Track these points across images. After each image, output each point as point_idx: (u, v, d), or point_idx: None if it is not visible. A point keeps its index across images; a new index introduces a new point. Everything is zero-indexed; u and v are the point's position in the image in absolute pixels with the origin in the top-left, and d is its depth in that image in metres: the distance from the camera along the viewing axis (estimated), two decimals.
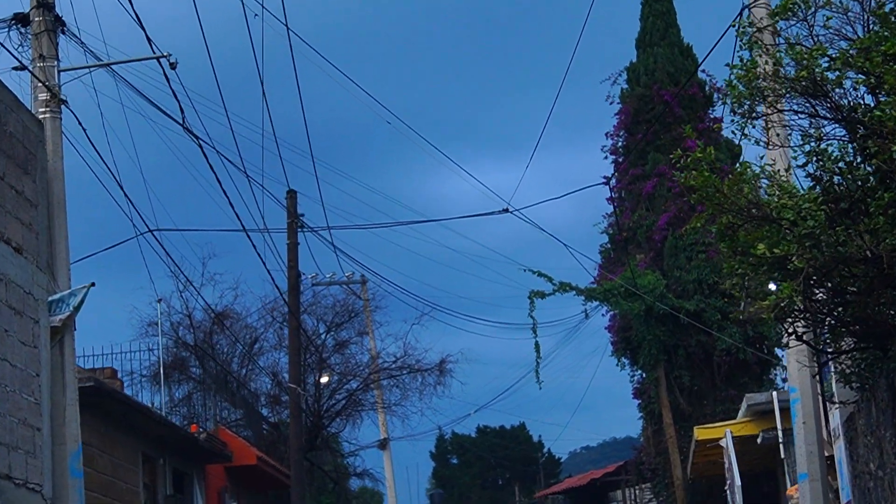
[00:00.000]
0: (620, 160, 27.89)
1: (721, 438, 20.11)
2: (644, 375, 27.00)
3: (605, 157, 27.90)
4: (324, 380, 31.74)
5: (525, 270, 26.11)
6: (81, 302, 11.15)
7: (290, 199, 26.19)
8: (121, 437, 17.58)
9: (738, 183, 8.90)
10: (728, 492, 18.17)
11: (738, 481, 16.18)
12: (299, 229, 26.12)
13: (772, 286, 9.41)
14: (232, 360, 31.76)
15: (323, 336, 31.12)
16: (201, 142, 16.61)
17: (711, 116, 28.16)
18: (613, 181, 28.27)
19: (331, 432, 32.08)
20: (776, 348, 26.29)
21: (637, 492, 37.40)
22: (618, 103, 28.17)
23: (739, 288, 9.53)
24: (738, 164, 9.43)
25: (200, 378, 30.76)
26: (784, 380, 24.92)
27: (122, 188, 12.60)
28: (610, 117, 28.57)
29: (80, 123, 11.60)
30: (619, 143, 28.22)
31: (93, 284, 11.21)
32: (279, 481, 26.59)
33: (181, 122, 15.94)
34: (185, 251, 57.20)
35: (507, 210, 19.03)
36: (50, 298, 11.04)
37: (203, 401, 30.31)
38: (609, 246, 28.21)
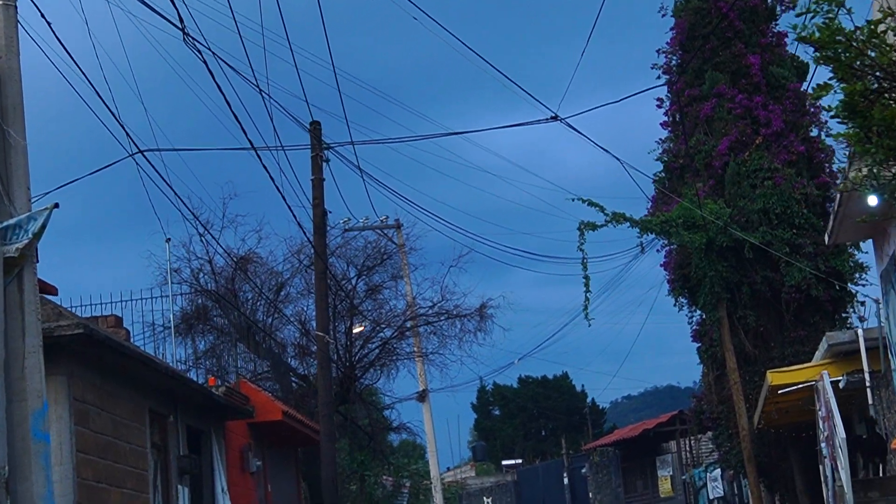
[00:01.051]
0: (674, 80, 25.61)
1: (798, 383, 18.08)
2: (704, 316, 24.86)
3: (658, 77, 25.66)
4: (357, 329, 29.89)
5: (574, 199, 24.07)
6: (43, 227, 9.19)
7: (314, 130, 24.19)
8: (123, 392, 15.74)
9: (878, 38, 6.76)
10: (824, 446, 16.09)
11: (841, 433, 14.07)
12: (323, 161, 24.21)
13: None
14: (257, 308, 29.94)
15: (353, 280, 29.21)
16: (216, 58, 14.64)
17: (774, 31, 25.89)
18: (667, 103, 26.06)
19: (364, 384, 30.23)
20: (850, 284, 24.14)
21: (692, 442, 35.44)
22: (671, 16, 25.87)
23: (870, 178, 7.42)
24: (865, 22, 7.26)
25: (223, 328, 29.00)
26: (861, 318, 22.75)
27: (99, 95, 10.63)
28: (662, 34, 26.32)
29: (38, 10, 9.61)
30: (673, 62, 25.94)
31: (56, 206, 9.27)
32: (308, 438, 24.79)
33: (180, 27, 13.98)
34: (204, 191, 55.31)
35: (555, 118, 16.94)
36: (4, 224, 9.10)
37: (227, 353, 28.58)
38: (663, 175, 26.00)
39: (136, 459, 16.05)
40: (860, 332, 17.22)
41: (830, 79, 7.27)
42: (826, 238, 15.96)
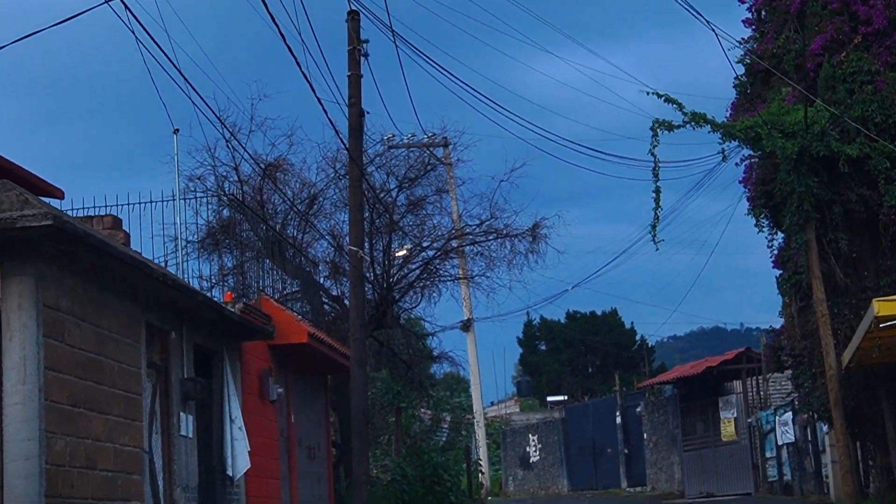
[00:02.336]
0: None
1: None
2: (789, 239, 22.20)
3: None
4: (400, 253, 27.57)
5: (650, 93, 21.47)
6: None
7: (351, 21, 21.71)
8: (113, 302, 13.48)
9: None
10: None
11: None
12: (361, 56, 21.74)
13: None
14: (287, 223, 27.63)
15: (394, 193, 26.78)
16: None
17: None
18: None
19: (403, 308, 27.92)
20: None
21: (759, 382, 32.98)
22: None
23: None
24: None
25: (249, 242, 26.74)
26: None
27: None
28: None
29: None
30: None
31: None
32: (339, 364, 22.55)
33: None
34: (232, 91, 52.76)
35: None
36: None
37: (253, 270, 26.33)
38: (746, 79, 23.25)
39: (128, 381, 13.83)
40: None
41: None
42: None
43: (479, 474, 34.53)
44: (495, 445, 54.63)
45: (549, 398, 58.88)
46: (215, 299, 18.02)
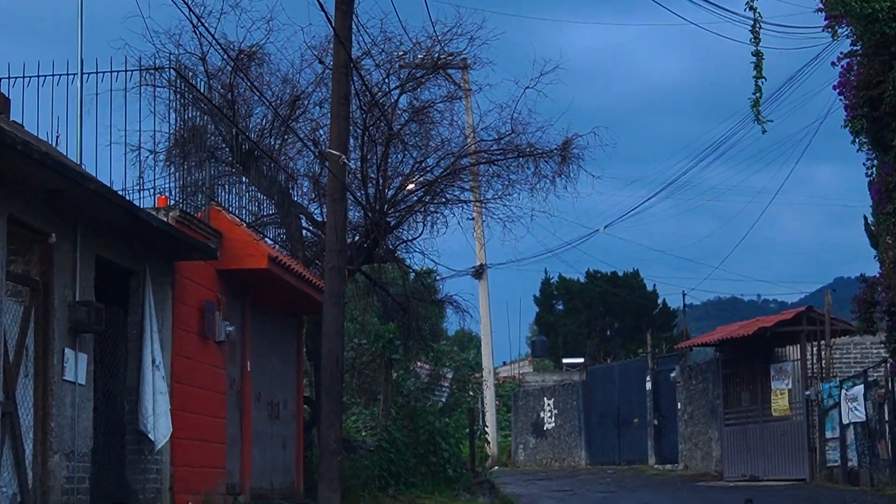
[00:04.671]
0: None
1: None
2: None
3: None
4: (409, 186, 23.45)
5: None
6: None
7: None
8: None
9: None
10: None
11: None
12: None
13: None
14: (264, 130, 23.50)
15: (394, 95, 22.57)
16: None
17: None
18: None
19: (401, 240, 23.78)
20: None
21: (821, 348, 28.80)
22: None
23: None
24: None
25: (217, 150, 22.63)
26: None
27: None
28: None
29: None
30: None
31: None
32: (315, 301, 18.51)
33: None
34: None
35: None
36: None
37: (223, 187, 22.21)
38: None
39: None
40: None
41: None
42: None
43: (485, 442, 30.48)
44: (505, 409, 50.74)
45: (565, 360, 55.80)
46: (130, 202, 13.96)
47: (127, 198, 14.19)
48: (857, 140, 18.35)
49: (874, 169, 18.81)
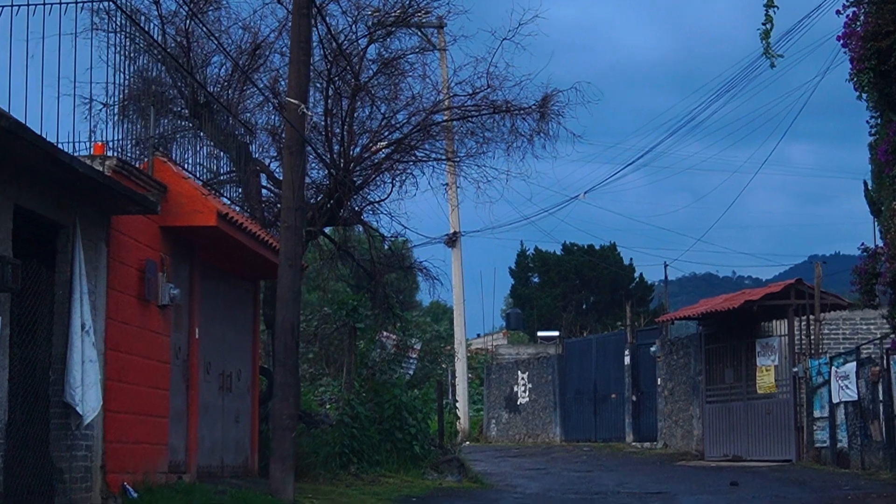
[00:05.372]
0: None
1: None
2: None
3: None
4: (380, 145, 22.17)
5: None
6: None
7: None
8: None
9: None
10: None
11: None
12: None
13: None
14: (222, 82, 22.19)
15: (361, 44, 21.26)
16: None
17: None
18: None
19: (368, 201, 22.50)
20: None
21: (810, 323, 27.71)
22: None
23: None
24: None
25: (166, 98, 21.30)
26: None
27: None
28: None
29: None
30: None
31: None
32: (273, 264, 17.24)
33: None
34: None
35: None
36: None
37: (179, 142, 20.89)
38: None
39: None
40: None
41: None
42: None
43: (455, 417, 29.33)
44: (478, 382, 49.66)
45: (540, 333, 54.99)
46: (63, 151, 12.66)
47: (76, 154, 12.95)
48: (862, 96, 17.15)
49: (878, 129, 17.64)
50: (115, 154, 14.41)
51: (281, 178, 22.45)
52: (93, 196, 12.47)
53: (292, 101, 16.01)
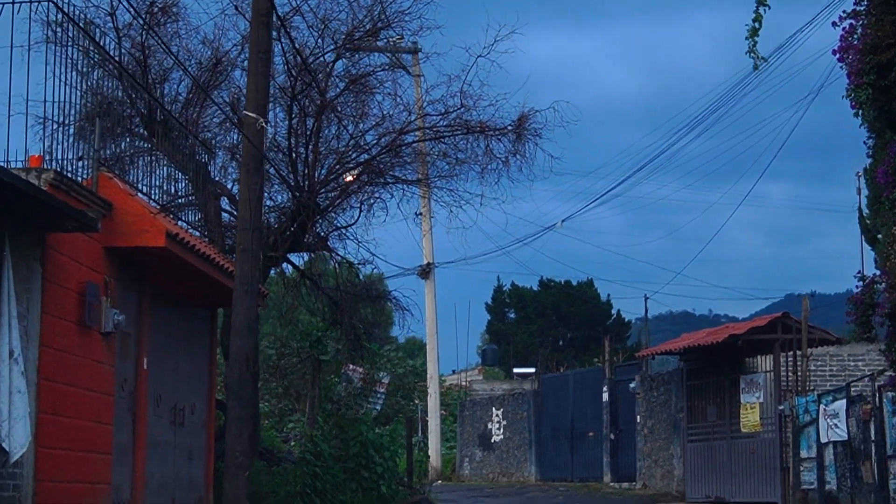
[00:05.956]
0: None
1: None
2: None
3: None
4: (348, 178, 21.27)
5: None
6: None
7: None
8: None
9: None
10: None
11: None
12: None
13: None
14: (179, 99, 21.27)
15: (329, 60, 20.34)
16: None
17: None
18: None
19: (334, 226, 21.55)
20: None
21: (797, 359, 26.82)
22: None
23: None
24: None
25: (127, 121, 20.41)
26: None
27: None
28: None
29: None
30: None
31: None
32: (227, 291, 16.26)
33: None
34: None
35: None
36: None
37: (135, 164, 19.96)
38: None
39: None
40: None
41: None
42: None
43: (425, 455, 28.27)
44: (451, 419, 48.58)
45: (516, 370, 54.22)
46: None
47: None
48: (859, 111, 16.28)
49: (875, 150, 16.78)
50: (64, 171, 13.46)
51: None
52: (25, 211, 11.49)
53: (250, 114, 15.13)
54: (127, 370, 14.87)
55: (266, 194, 21.20)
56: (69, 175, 13.16)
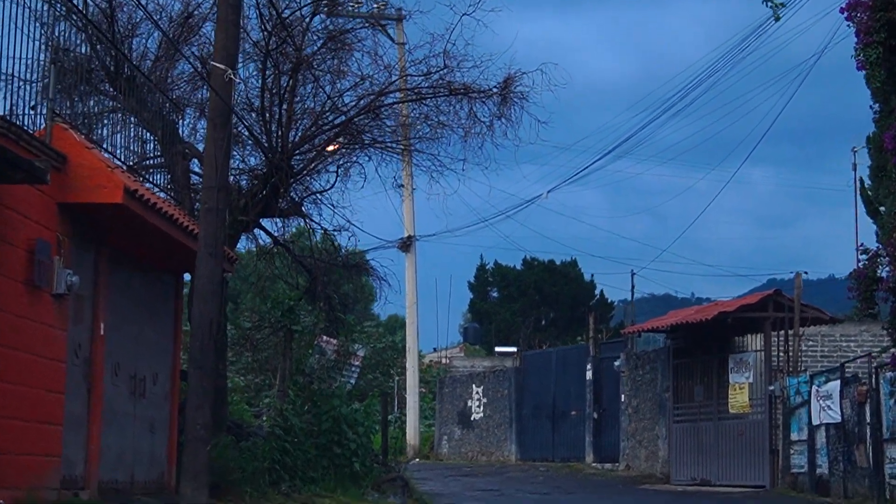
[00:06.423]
0: None
1: None
2: None
3: None
4: (330, 148, 20.43)
5: None
6: None
7: None
8: None
9: None
10: None
11: None
12: None
13: None
14: (148, 54, 20.39)
15: (306, 16, 19.46)
16: None
17: None
18: None
19: (310, 191, 20.72)
20: None
21: (788, 339, 26.13)
22: None
23: None
24: None
25: (95, 76, 19.47)
26: None
27: None
28: None
29: None
30: None
31: None
32: (192, 253, 15.38)
33: None
34: None
35: None
36: None
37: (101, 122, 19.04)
38: None
39: None
40: None
41: None
42: None
43: (401, 432, 27.49)
44: (430, 396, 47.86)
45: (498, 348, 53.65)
46: None
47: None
48: (868, 74, 15.48)
49: (881, 115, 15.99)
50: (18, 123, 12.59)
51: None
52: None
53: (218, 65, 14.27)
54: (82, 335, 14.02)
55: (238, 156, 20.42)
56: (11, 119, 12.28)
